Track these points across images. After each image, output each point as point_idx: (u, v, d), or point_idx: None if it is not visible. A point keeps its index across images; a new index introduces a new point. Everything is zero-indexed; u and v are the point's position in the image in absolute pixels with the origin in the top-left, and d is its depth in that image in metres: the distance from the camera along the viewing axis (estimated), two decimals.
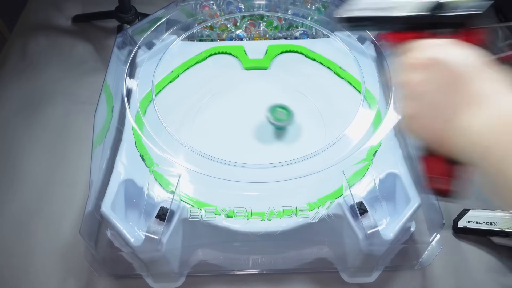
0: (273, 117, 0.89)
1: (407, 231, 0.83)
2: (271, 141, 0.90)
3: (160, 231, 0.74)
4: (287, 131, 0.91)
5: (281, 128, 0.91)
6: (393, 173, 0.82)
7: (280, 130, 0.92)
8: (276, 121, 0.89)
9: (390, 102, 0.89)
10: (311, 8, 1.12)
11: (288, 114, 0.89)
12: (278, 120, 0.89)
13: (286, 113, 0.89)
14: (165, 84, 0.97)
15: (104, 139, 0.86)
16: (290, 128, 0.91)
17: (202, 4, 1.10)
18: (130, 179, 0.82)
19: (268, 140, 0.90)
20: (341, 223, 0.79)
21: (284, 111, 0.89)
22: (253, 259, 0.86)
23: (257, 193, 0.81)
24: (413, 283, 0.89)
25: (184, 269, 0.86)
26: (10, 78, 1.25)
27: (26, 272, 0.91)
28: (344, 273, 0.88)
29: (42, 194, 1.01)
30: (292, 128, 0.91)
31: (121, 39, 0.98)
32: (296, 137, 0.91)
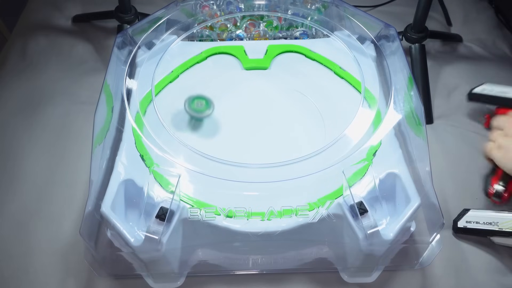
0: (191, 108, 0.89)
1: (407, 231, 0.83)
2: (271, 141, 0.90)
3: (160, 231, 0.74)
4: (287, 131, 0.91)
5: (200, 120, 0.92)
6: (393, 173, 0.82)
7: (198, 122, 0.92)
8: (195, 112, 0.89)
9: (390, 101, 0.89)
10: (311, 8, 1.12)
11: (207, 104, 0.90)
12: (196, 111, 0.89)
13: (205, 104, 0.90)
14: (165, 84, 0.97)
15: (104, 139, 0.86)
16: (291, 128, 0.92)
17: (202, 4, 1.10)
18: (130, 179, 0.81)
19: (268, 140, 0.90)
20: (341, 223, 0.79)
21: (203, 101, 0.90)
22: (253, 259, 0.86)
23: (257, 193, 0.80)
24: (413, 283, 0.89)
25: (184, 269, 0.86)
26: (10, 78, 1.25)
27: (25, 272, 0.90)
28: (344, 273, 0.88)
29: (42, 194, 1.01)
30: (292, 129, 0.91)
31: (121, 39, 0.98)
32: (296, 137, 0.91)
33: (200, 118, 0.91)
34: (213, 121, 0.92)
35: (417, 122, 0.88)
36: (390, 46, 0.99)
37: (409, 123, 0.89)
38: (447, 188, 1.02)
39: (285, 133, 0.91)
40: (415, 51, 1.20)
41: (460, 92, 1.22)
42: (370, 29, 1.01)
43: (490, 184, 0.97)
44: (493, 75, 1.27)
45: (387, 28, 1.00)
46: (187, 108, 0.89)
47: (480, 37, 1.39)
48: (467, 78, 1.26)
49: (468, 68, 1.29)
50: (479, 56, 1.33)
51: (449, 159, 1.07)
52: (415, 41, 1.20)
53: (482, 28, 1.42)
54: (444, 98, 1.21)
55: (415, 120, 0.88)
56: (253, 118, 0.93)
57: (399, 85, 0.92)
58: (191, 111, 0.89)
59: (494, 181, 0.96)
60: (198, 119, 0.92)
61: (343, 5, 1.06)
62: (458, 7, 1.47)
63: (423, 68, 1.19)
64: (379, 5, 1.47)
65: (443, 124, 1.15)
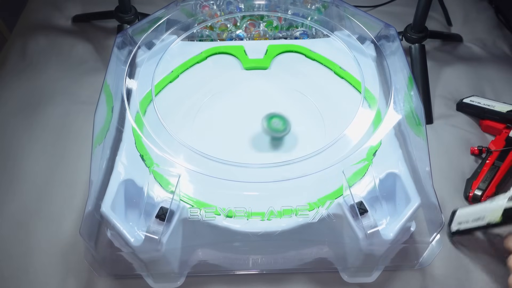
0: (269, 128, 0.87)
1: (407, 231, 0.83)
2: (271, 141, 0.90)
3: (160, 231, 0.74)
4: None
5: (279, 139, 0.90)
6: (393, 173, 0.82)
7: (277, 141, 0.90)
8: (273, 131, 0.87)
9: (390, 101, 0.89)
10: (311, 8, 1.12)
11: (284, 123, 0.87)
12: (274, 130, 0.87)
13: (282, 123, 0.87)
14: (165, 84, 0.97)
15: (104, 139, 0.86)
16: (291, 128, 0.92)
17: (202, 4, 1.10)
18: (130, 179, 0.81)
19: (268, 140, 0.90)
20: (341, 223, 0.78)
21: (280, 120, 0.87)
22: (253, 259, 0.86)
23: (257, 193, 0.80)
24: (413, 283, 0.89)
25: (184, 269, 0.86)
26: (10, 78, 1.25)
27: (25, 272, 0.91)
28: (344, 273, 0.88)
29: (42, 194, 1.01)
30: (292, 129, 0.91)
31: (121, 39, 0.98)
32: (296, 137, 0.91)
33: (279, 137, 0.89)
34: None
35: (417, 122, 0.88)
36: (390, 46, 0.99)
37: (409, 123, 0.89)
38: (447, 188, 1.02)
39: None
40: (415, 51, 1.20)
41: (460, 92, 1.22)
42: (370, 29, 1.01)
43: (470, 188, 1.00)
44: (493, 75, 1.27)
45: (387, 28, 1.00)
46: (266, 127, 0.87)
47: (480, 37, 1.39)
48: (467, 78, 1.26)
49: (468, 68, 1.29)
50: (479, 56, 1.33)
51: (448, 159, 1.07)
52: (415, 41, 1.20)
53: (482, 28, 1.42)
54: (444, 98, 1.21)
55: (415, 120, 0.88)
56: (253, 118, 0.93)
57: (399, 85, 0.92)
58: (270, 131, 0.87)
59: (475, 186, 0.99)
60: (277, 138, 0.90)
61: (343, 5, 1.06)
62: (458, 7, 1.48)
63: (423, 68, 1.19)
64: (379, 5, 1.47)
65: (443, 124, 1.15)
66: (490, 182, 0.99)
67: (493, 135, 1.11)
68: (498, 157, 1.02)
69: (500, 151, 1.03)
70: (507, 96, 1.21)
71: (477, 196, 0.98)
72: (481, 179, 1.00)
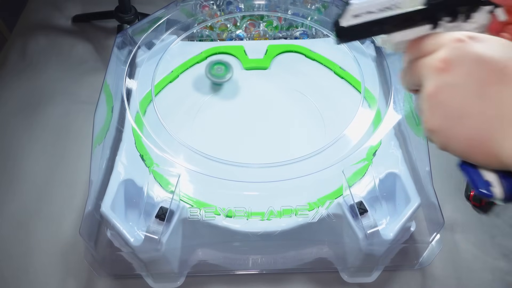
0: (210, 73, 0.93)
1: (407, 231, 0.83)
2: (271, 141, 0.90)
3: (160, 231, 0.74)
4: (287, 131, 0.91)
5: (219, 85, 0.95)
6: (393, 173, 0.82)
7: (218, 86, 0.96)
8: (214, 77, 0.93)
9: (390, 101, 0.89)
10: (311, 8, 1.12)
11: (226, 69, 0.93)
12: (216, 76, 0.93)
13: (224, 69, 0.93)
14: (165, 84, 0.97)
15: (104, 139, 0.86)
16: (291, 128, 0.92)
17: (202, 4, 1.10)
18: (130, 179, 0.81)
19: (267, 140, 0.90)
20: (341, 223, 0.79)
21: (223, 66, 0.93)
22: (253, 259, 0.86)
23: (256, 193, 0.80)
24: (413, 283, 0.89)
25: (184, 269, 0.86)
26: (10, 78, 1.25)
27: (25, 272, 0.91)
28: (344, 273, 0.88)
29: (42, 194, 1.01)
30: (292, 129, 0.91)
31: (121, 39, 0.98)
32: (296, 137, 0.91)
33: (220, 83, 0.95)
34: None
35: (417, 122, 0.88)
36: None
37: (409, 123, 0.89)
38: (447, 187, 1.02)
39: (285, 133, 0.91)
40: None
41: None
42: None
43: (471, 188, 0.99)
44: None
45: None
46: (208, 74, 0.92)
47: None
48: None
49: None
50: None
51: (448, 159, 1.07)
52: None
53: None
54: None
55: (415, 120, 0.88)
56: (253, 118, 0.93)
57: (399, 85, 0.92)
58: (212, 77, 0.92)
59: None
60: (218, 84, 0.95)
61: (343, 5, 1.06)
62: None
63: None
64: None
65: None
66: None
67: None
68: None
69: None
70: None
71: (478, 196, 0.97)
72: None
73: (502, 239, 0.95)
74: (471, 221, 0.98)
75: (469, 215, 0.99)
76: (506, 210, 0.99)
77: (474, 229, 0.97)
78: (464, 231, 0.96)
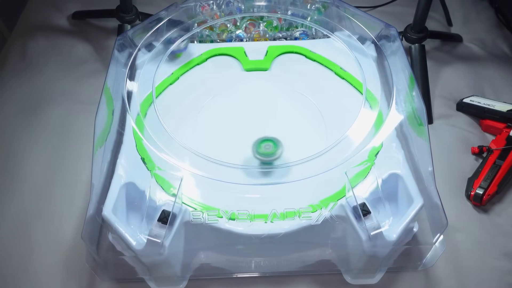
0: (257, 152, 0.84)
1: (410, 232, 0.83)
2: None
3: (162, 235, 0.74)
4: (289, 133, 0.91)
5: (269, 163, 0.86)
6: (395, 174, 0.82)
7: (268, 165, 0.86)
8: (262, 156, 0.84)
9: (392, 102, 0.89)
10: (311, 8, 1.12)
11: (275, 146, 0.85)
12: (264, 155, 0.84)
13: (273, 146, 0.85)
14: (165, 86, 0.97)
15: (105, 142, 0.86)
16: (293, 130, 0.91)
17: (202, 5, 1.10)
18: (132, 182, 0.81)
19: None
20: (344, 225, 0.78)
21: (271, 143, 0.85)
22: (256, 261, 0.86)
23: (259, 195, 0.80)
24: (417, 284, 0.89)
25: (187, 272, 0.86)
26: (10, 78, 1.25)
27: (26, 274, 0.90)
28: (347, 274, 0.87)
29: (42, 194, 1.01)
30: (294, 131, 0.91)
31: (121, 42, 0.98)
32: (298, 139, 0.90)
33: (270, 162, 0.85)
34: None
35: (419, 123, 0.88)
36: (391, 46, 0.99)
37: (411, 124, 0.89)
38: (448, 187, 1.02)
39: (286, 135, 0.90)
40: (415, 51, 1.20)
41: (460, 92, 1.22)
42: (370, 29, 1.01)
43: (472, 187, 1.00)
44: (493, 75, 1.27)
45: (388, 28, 0.99)
46: (256, 154, 0.84)
47: (480, 37, 1.39)
48: (467, 78, 1.26)
49: (468, 68, 1.29)
50: (479, 56, 1.33)
51: (449, 159, 1.07)
52: (415, 41, 1.20)
53: (482, 28, 1.42)
54: (444, 98, 1.21)
55: (417, 120, 0.88)
56: (254, 120, 0.93)
57: (400, 86, 0.92)
58: (260, 156, 0.84)
59: (476, 184, 0.99)
60: (267, 163, 0.85)
61: (343, 5, 1.06)
62: (458, 7, 1.48)
63: (423, 68, 1.19)
64: (379, 6, 1.47)
65: (443, 124, 1.15)
66: (491, 181, 0.99)
67: (494, 134, 1.11)
68: (499, 156, 1.02)
69: (501, 150, 1.03)
70: (507, 96, 1.21)
71: (478, 195, 0.98)
72: (483, 178, 1.00)
73: (502, 239, 0.95)
74: (471, 221, 0.98)
75: (469, 215, 0.99)
76: (507, 210, 0.99)
77: (474, 229, 0.97)
78: (465, 231, 0.96)
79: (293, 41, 1.08)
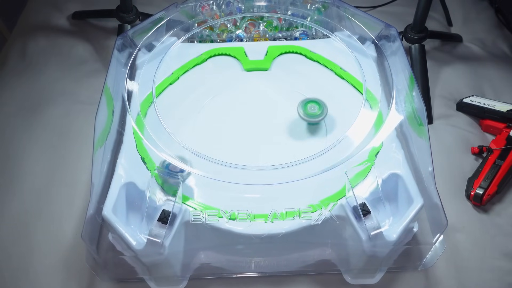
0: (304, 112, 0.88)
1: (410, 232, 0.83)
2: (273, 142, 0.90)
3: (162, 234, 0.74)
4: (289, 133, 0.91)
5: (315, 124, 0.91)
6: (395, 174, 0.82)
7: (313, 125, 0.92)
8: (308, 117, 0.88)
9: (392, 102, 0.89)
10: (311, 8, 1.12)
11: (320, 108, 0.89)
12: (310, 116, 0.88)
13: (318, 107, 0.89)
14: (165, 86, 0.97)
15: (105, 142, 0.86)
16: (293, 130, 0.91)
17: (202, 5, 1.10)
18: (132, 182, 0.81)
19: (269, 142, 0.90)
20: (344, 225, 0.78)
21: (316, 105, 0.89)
22: (256, 261, 0.86)
23: (259, 195, 0.80)
24: (417, 284, 0.89)
25: (187, 272, 0.86)
26: (10, 78, 1.25)
27: (26, 274, 0.90)
28: (347, 274, 0.87)
29: (42, 194, 1.01)
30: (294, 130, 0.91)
31: (121, 42, 0.98)
32: (298, 138, 0.90)
33: (315, 122, 0.90)
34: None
35: (419, 123, 0.88)
36: (391, 46, 0.99)
37: (411, 124, 0.89)
38: (448, 187, 1.02)
39: (286, 135, 0.91)
40: (415, 51, 1.20)
41: (460, 92, 1.22)
42: (370, 29, 1.01)
43: (472, 187, 1.00)
44: (493, 74, 1.27)
45: (388, 28, 0.99)
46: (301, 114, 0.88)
47: (480, 37, 1.39)
48: (467, 78, 1.26)
49: (468, 68, 1.29)
50: (479, 56, 1.33)
51: (449, 159, 1.07)
52: (415, 41, 1.20)
53: (482, 28, 1.42)
54: (444, 98, 1.21)
55: (417, 120, 0.88)
56: (255, 120, 0.93)
57: (400, 86, 0.92)
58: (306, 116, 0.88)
59: (476, 184, 0.99)
60: (313, 123, 0.91)
61: (343, 5, 1.06)
62: (458, 7, 1.48)
63: (423, 68, 1.19)
64: (379, 6, 1.47)
65: (443, 124, 1.15)
66: (491, 180, 0.99)
67: (494, 134, 1.11)
68: (499, 156, 1.02)
69: (501, 150, 1.03)
70: (507, 96, 1.21)
71: (478, 195, 0.98)
72: (483, 178, 1.00)
73: (502, 239, 0.95)
74: (471, 221, 0.98)
75: (469, 215, 0.99)
76: (507, 210, 0.99)
77: (474, 229, 0.97)
78: (465, 231, 0.96)
79: (293, 41, 1.08)
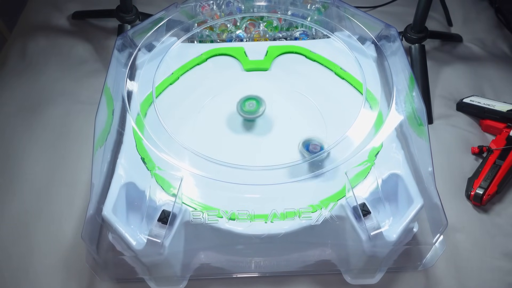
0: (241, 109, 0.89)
1: (410, 232, 0.83)
2: (273, 143, 0.90)
3: (162, 235, 0.74)
4: (289, 133, 0.91)
5: (251, 121, 0.92)
6: (395, 174, 0.82)
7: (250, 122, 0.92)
8: (245, 113, 0.89)
9: (392, 103, 0.89)
10: (311, 8, 1.12)
11: (258, 104, 0.89)
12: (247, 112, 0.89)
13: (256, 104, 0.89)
14: (165, 86, 0.97)
15: (105, 142, 0.86)
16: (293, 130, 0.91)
17: (202, 5, 1.10)
18: (131, 182, 0.81)
19: (269, 142, 0.90)
20: (344, 225, 0.78)
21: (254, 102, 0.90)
22: (256, 261, 0.86)
23: (259, 195, 0.80)
24: (417, 284, 0.89)
25: (186, 272, 0.86)
26: (10, 78, 1.25)
27: (26, 274, 0.90)
28: (347, 274, 0.87)
29: (42, 194, 1.01)
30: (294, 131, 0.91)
31: (121, 42, 0.98)
32: (298, 138, 0.90)
33: (252, 119, 0.91)
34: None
35: (419, 123, 0.88)
36: (391, 46, 0.99)
37: (411, 124, 0.89)
38: (448, 187, 1.02)
39: (286, 135, 0.91)
40: (415, 51, 1.20)
41: (460, 92, 1.22)
42: (370, 29, 1.01)
43: (472, 187, 1.00)
44: (493, 74, 1.27)
45: (388, 28, 0.99)
46: (239, 111, 0.89)
47: (480, 37, 1.40)
48: (467, 78, 1.26)
49: (468, 68, 1.29)
50: (479, 56, 1.33)
51: (449, 159, 1.07)
52: (415, 41, 1.20)
53: (482, 28, 1.42)
54: (444, 98, 1.21)
55: (417, 120, 0.88)
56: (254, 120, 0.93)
57: (400, 86, 0.92)
58: (244, 113, 0.89)
59: (476, 184, 0.99)
60: (250, 120, 0.92)
61: (343, 5, 1.06)
62: (458, 7, 1.48)
63: (423, 68, 1.19)
64: (379, 6, 1.47)
65: (443, 124, 1.15)
66: (491, 180, 0.99)
67: (494, 134, 1.12)
68: (499, 156, 1.02)
69: (501, 150, 1.03)
70: (507, 96, 1.21)
71: (478, 195, 0.98)
72: (483, 178, 1.00)
73: (502, 239, 0.95)
74: (471, 221, 0.98)
75: (469, 215, 0.99)
76: (507, 210, 0.99)
77: (474, 229, 0.97)
78: (465, 231, 0.96)
79: (293, 41, 1.08)
